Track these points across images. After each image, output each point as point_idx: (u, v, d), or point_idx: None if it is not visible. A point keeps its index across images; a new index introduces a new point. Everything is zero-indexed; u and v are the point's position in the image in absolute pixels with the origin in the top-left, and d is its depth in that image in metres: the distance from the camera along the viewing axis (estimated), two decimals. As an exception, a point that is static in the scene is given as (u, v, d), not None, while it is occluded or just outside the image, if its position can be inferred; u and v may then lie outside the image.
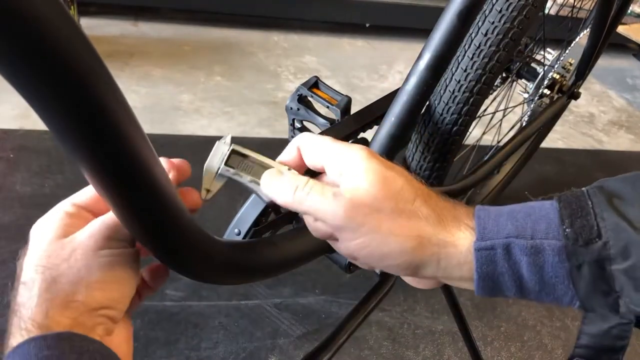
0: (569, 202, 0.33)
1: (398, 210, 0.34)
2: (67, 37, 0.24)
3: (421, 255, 0.34)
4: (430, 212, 0.35)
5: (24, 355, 0.31)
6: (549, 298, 0.33)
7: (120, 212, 0.33)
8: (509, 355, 1.04)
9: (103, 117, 0.27)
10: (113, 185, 0.31)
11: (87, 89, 0.26)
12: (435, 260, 0.34)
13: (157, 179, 0.33)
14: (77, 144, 0.28)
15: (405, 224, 0.34)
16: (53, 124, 0.27)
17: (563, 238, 0.31)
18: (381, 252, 0.34)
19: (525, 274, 0.32)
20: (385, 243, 0.34)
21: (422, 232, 0.34)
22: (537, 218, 0.33)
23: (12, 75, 0.24)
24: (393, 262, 0.35)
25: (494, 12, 0.67)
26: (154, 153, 0.32)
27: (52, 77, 0.24)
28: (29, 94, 0.25)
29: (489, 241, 0.33)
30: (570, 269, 0.31)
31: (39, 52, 0.23)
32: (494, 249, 0.33)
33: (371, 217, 0.34)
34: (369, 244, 0.34)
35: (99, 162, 0.29)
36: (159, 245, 0.37)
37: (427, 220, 0.34)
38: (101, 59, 0.26)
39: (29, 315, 0.33)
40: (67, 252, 0.36)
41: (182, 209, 0.37)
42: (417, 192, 0.35)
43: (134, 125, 0.29)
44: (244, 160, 0.40)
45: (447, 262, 0.34)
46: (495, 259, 0.32)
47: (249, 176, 0.40)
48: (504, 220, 0.33)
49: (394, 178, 0.35)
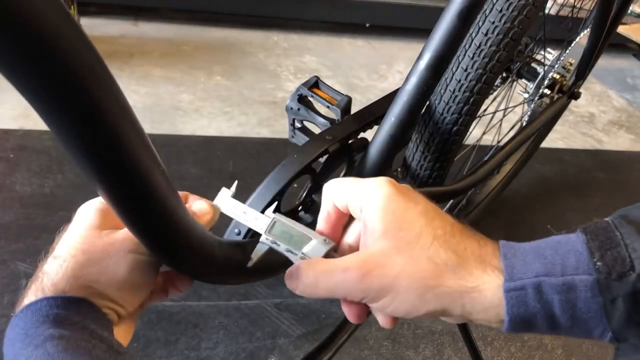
0: (595, 233, 0.32)
1: (413, 260, 0.34)
2: (67, 37, 0.24)
3: (443, 304, 0.33)
4: (450, 256, 0.34)
5: (37, 311, 0.34)
6: (580, 332, 0.32)
7: (120, 211, 0.33)
8: (508, 355, 1.04)
9: (103, 116, 0.27)
10: (111, 183, 0.31)
11: (87, 89, 0.26)
12: (459, 306, 0.33)
13: (157, 179, 0.33)
14: (77, 143, 0.28)
15: (421, 274, 0.33)
16: (53, 123, 0.27)
17: (595, 272, 0.30)
18: (405, 307, 0.34)
19: (558, 312, 0.31)
20: (405, 299, 0.34)
21: (440, 281, 0.33)
22: (565, 253, 0.32)
23: (13, 75, 0.24)
24: (419, 314, 0.34)
25: (495, 11, 0.67)
26: (153, 152, 0.32)
27: (52, 77, 0.24)
28: (29, 94, 0.25)
29: (518, 282, 0.32)
30: (604, 303, 0.30)
31: (39, 52, 0.23)
32: (524, 289, 0.31)
33: (386, 277, 0.34)
34: (392, 302, 0.34)
35: (98, 161, 0.29)
36: (159, 244, 0.37)
37: (446, 265, 0.33)
38: (101, 58, 0.26)
39: (51, 281, 0.36)
40: (103, 244, 0.39)
41: (182, 209, 0.37)
42: (437, 234, 0.34)
43: (133, 124, 0.29)
44: (283, 229, 0.41)
45: (472, 307, 0.33)
46: (527, 300, 0.31)
47: (287, 245, 0.41)
48: (531, 258, 0.32)
49: (411, 223, 0.34)
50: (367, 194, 0.36)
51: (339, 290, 0.35)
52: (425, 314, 0.34)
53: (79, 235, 0.39)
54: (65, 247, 0.38)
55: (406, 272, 0.33)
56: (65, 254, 0.38)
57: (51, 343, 0.32)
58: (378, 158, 0.64)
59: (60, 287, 0.36)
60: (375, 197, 0.35)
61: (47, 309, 0.34)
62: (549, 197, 1.50)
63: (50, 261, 0.38)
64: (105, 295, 0.38)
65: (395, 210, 0.35)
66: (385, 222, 0.34)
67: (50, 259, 0.38)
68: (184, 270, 0.43)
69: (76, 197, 1.16)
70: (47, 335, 0.32)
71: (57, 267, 0.37)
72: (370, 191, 0.36)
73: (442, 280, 0.33)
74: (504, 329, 0.33)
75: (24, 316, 0.34)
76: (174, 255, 0.39)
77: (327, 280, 0.36)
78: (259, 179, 0.59)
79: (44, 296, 0.35)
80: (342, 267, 0.35)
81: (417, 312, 0.34)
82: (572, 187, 1.55)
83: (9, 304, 0.93)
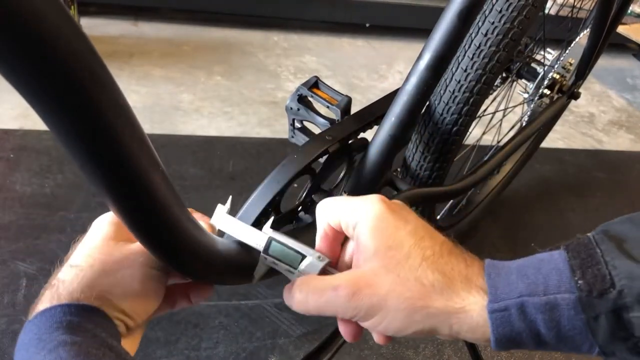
0: (577, 251, 0.32)
1: (401, 280, 0.34)
2: (67, 37, 0.24)
3: (432, 324, 0.34)
4: (438, 277, 0.34)
5: (51, 317, 0.35)
6: (567, 348, 0.33)
7: (120, 210, 0.33)
8: (508, 355, 1.04)
9: (102, 117, 0.27)
10: (111, 183, 0.31)
11: (87, 90, 0.26)
12: (447, 326, 0.34)
13: (157, 179, 0.33)
14: (76, 144, 0.28)
15: (408, 294, 0.34)
16: (53, 124, 0.27)
17: (577, 290, 0.31)
18: (394, 327, 0.35)
19: (543, 330, 0.32)
20: (394, 318, 0.34)
21: (427, 302, 0.34)
22: (548, 272, 0.32)
23: (13, 75, 0.24)
24: (408, 332, 0.35)
25: (494, 12, 0.67)
26: (153, 152, 0.32)
27: (51, 78, 0.24)
28: (29, 94, 0.25)
29: (502, 302, 0.32)
30: (587, 320, 0.31)
31: (39, 52, 0.23)
32: (507, 309, 0.32)
33: (375, 296, 0.34)
34: (382, 321, 0.35)
35: (98, 162, 0.29)
36: (160, 244, 0.37)
37: (433, 287, 0.34)
38: (101, 58, 0.26)
39: (67, 289, 0.37)
40: (119, 255, 0.40)
41: (183, 209, 0.37)
42: (425, 254, 0.35)
43: (133, 125, 0.29)
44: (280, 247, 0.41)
45: (460, 327, 0.34)
46: (511, 320, 0.32)
47: (285, 265, 0.41)
48: (515, 278, 0.33)
49: (400, 243, 0.35)
50: (358, 213, 0.37)
51: (329, 308, 0.36)
52: (414, 333, 0.35)
53: (96, 246, 0.40)
54: (83, 257, 0.40)
55: (394, 292, 0.34)
56: (82, 263, 0.39)
57: (64, 348, 0.32)
58: (378, 158, 0.64)
59: (75, 295, 0.37)
60: (366, 216, 0.36)
61: (61, 315, 0.35)
62: (549, 197, 1.50)
63: (66, 269, 0.39)
64: (117, 307, 0.39)
65: (385, 229, 0.35)
66: (376, 241, 0.35)
67: (67, 267, 0.39)
68: (184, 271, 0.43)
69: (76, 197, 1.16)
70: (60, 341, 0.33)
71: (73, 276, 0.38)
72: (361, 210, 0.37)
73: (430, 301, 0.34)
74: (492, 347, 0.33)
75: (38, 322, 0.35)
76: (175, 255, 0.39)
77: (318, 298, 0.37)
78: (259, 179, 0.59)
79: (58, 303, 0.36)
80: (332, 285, 0.36)
81: (406, 331, 0.35)
82: (572, 187, 1.55)
83: (9, 304, 0.93)
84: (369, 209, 0.36)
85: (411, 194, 0.67)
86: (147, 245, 0.38)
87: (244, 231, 0.43)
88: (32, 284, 0.97)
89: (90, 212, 1.12)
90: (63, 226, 1.07)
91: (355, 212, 0.37)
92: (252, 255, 0.44)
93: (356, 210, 0.37)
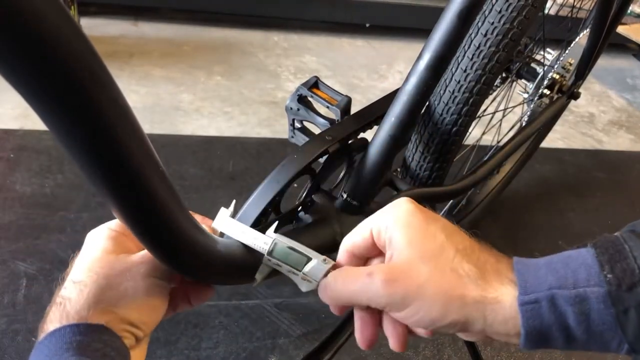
0: (605, 247, 0.33)
1: (438, 271, 0.34)
2: (67, 37, 0.24)
3: (466, 315, 0.34)
4: (472, 268, 0.35)
5: (61, 338, 0.35)
6: (597, 345, 0.33)
7: (120, 211, 0.33)
8: (508, 355, 1.04)
9: (102, 117, 0.27)
10: (111, 183, 0.31)
11: (87, 90, 0.26)
12: (481, 317, 0.34)
13: (157, 179, 0.33)
14: (76, 144, 0.28)
15: (446, 285, 0.34)
16: (52, 124, 0.27)
17: (605, 284, 0.31)
18: (430, 318, 0.35)
19: (572, 324, 0.32)
20: (431, 308, 0.34)
21: (464, 291, 0.34)
22: (576, 267, 0.33)
23: (13, 75, 0.24)
24: (443, 324, 0.35)
25: (494, 12, 0.66)
26: (153, 152, 0.32)
27: (51, 78, 0.24)
28: (29, 94, 0.25)
29: (532, 295, 0.33)
30: (617, 314, 0.31)
31: (39, 53, 0.23)
32: (538, 302, 0.32)
33: (411, 285, 0.34)
34: (417, 311, 0.35)
35: (97, 162, 0.29)
36: (160, 245, 0.37)
37: (468, 277, 0.34)
38: (101, 58, 0.26)
39: (74, 308, 0.37)
40: (121, 268, 0.40)
41: (183, 209, 0.37)
42: (458, 248, 0.36)
43: (133, 125, 0.29)
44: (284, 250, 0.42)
45: (493, 318, 0.34)
46: (541, 312, 0.32)
47: (288, 266, 0.41)
48: (544, 272, 0.33)
49: (433, 235, 0.36)
50: (389, 214, 0.37)
51: (362, 295, 0.36)
52: (448, 325, 0.35)
53: (96, 260, 0.40)
54: (85, 272, 0.39)
55: (432, 282, 0.34)
56: (85, 278, 0.39)
57: None
58: (378, 158, 0.64)
59: (83, 314, 0.37)
60: (397, 214, 0.37)
61: (70, 335, 0.35)
62: (549, 197, 1.50)
63: (69, 286, 0.39)
64: (125, 319, 0.39)
65: (418, 224, 0.36)
66: (410, 235, 0.36)
67: (69, 283, 0.39)
68: (184, 271, 0.43)
69: (76, 197, 1.16)
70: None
71: (78, 292, 0.38)
72: (391, 210, 0.37)
73: (466, 291, 0.34)
74: (521, 344, 0.34)
75: (48, 342, 0.35)
76: (175, 255, 0.39)
77: (352, 284, 0.37)
78: (259, 179, 0.59)
79: (67, 323, 0.36)
80: (368, 271, 0.36)
81: (441, 322, 0.35)
82: (572, 187, 1.55)
83: (9, 304, 0.93)
84: (399, 208, 0.37)
85: (411, 194, 0.67)
86: (147, 245, 0.38)
87: (247, 234, 0.43)
88: (32, 284, 0.97)
89: (90, 212, 1.13)
90: (63, 226, 1.07)
91: (386, 214, 0.38)
92: (253, 255, 0.44)
93: (386, 212, 0.38)
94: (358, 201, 0.65)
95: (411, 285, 0.34)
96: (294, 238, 0.42)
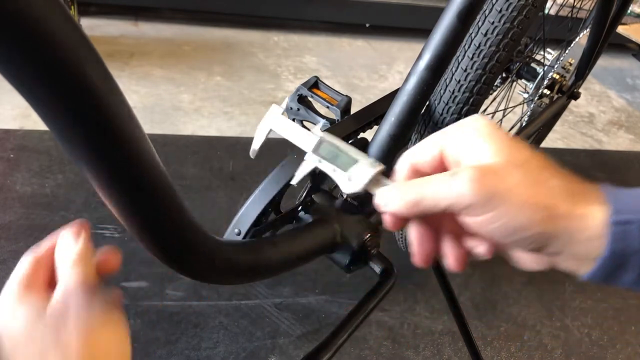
0: None
1: (527, 179, 0.32)
2: (68, 37, 0.24)
3: (552, 228, 0.32)
4: (560, 183, 0.33)
5: None
6: None
7: (120, 211, 0.34)
8: (508, 355, 1.04)
9: (102, 116, 0.27)
10: (113, 185, 0.31)
11: (87, 90, 0.26)
12: (566, 234, 0.32)
13: (158, 180, 0.33)
14: (77, 143, 0.28)
15: (535, 193, 0.32)
16: (53, 123, 0.27)
17: None
18: (513, 225, 0.32)
19: None
20: (516, 215, 0.32)
21: (552, 203, 0.32)
22: None
23: (13, 75, 0.24)
24: (523, 235, 0.32)
25: (494, 12, 0.67)
26: (154, 153, 0.32)
27: (51, 78, 0.24)
28: (29, 94, 0.25)
29: (625, 215, 0.31)
30: None
31: (39, 53, 0.23)
32: (630, 223, 0.31)
33: (502, 186, 0.32)
34: (501, 217, 0.32)
35: (99, 162, 0.29)
36: (160, 245, 0.37)
37: (559, 189, 0.33)
38: (101, 58, 0.26)
39: None
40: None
41: (183, 209, 0.37)
42: (545, 164, 0.34)
43: (132, 124, 0.29)
44: (330, 149, 0.40)
45: (580, 235, 0.32)
46: (630, 236, 0.31)
47: (333, 165, 0.40)
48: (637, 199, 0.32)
49: (519, 148, 0.33)
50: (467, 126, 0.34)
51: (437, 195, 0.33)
52: (530, 236, 0.32)
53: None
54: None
55: (523, 187, 0.32)
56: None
57: None
58: (378, 158, 0.64)
59: None
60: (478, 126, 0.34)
61: None
62: (549, 197, 1.49)
63: None
64: None
65: (503, 135, 0.34)
66: (497, 143, 0.33)
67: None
68: (185, 271, 0.43)
69: (76, 197, 1.16)
70: None
71: None
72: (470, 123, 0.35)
73: (557, 201, 0.32)
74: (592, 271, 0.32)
75: None
76: (175, 255, 0.39)
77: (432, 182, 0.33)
78: (259, 179, 0.59)
79: None
80: (449, 172, 0.33)
81: (525, 232, 0.32)
82: None
83: (9, 303, 0.93)
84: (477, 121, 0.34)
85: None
86: (148, 245, 0.38)
87: (294, 132, 0.42)
88: (32, 284, 0.97)
89: (90, 212, 1.13)
90: (63, 226, 1.07)
91: (462, 127, 0.35)
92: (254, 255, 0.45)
93: (462, 126, 0.35)
94: (358, 201, 0.65)
95: (501, 186, 0.32)
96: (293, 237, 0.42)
